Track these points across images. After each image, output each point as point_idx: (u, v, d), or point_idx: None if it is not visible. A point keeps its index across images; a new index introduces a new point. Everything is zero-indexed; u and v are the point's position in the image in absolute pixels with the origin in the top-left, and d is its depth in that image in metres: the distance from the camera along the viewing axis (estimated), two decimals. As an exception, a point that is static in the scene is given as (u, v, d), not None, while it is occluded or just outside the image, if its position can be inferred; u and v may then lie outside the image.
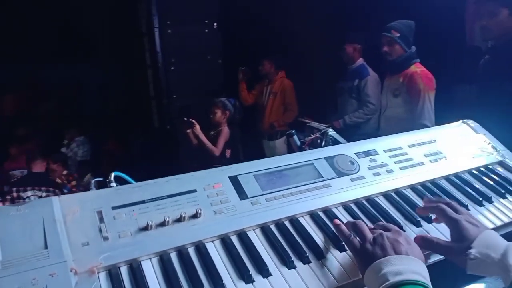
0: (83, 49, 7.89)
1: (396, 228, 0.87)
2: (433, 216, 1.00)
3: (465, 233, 0.84)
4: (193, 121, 3.60)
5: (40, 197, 3.73)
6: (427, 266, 0.79)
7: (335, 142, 1.64)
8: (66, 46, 7.53)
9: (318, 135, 1.87)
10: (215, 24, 5.38)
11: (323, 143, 1.76)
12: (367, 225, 0.89)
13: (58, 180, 4.42)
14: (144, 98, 6.06)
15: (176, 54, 5.21)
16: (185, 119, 3.69)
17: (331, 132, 1.80)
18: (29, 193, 3.96)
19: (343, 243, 0.90)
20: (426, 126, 2.95)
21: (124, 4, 6.08)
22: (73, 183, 4.52)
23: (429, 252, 0.91)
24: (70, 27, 7.66)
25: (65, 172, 4.54)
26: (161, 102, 5.52)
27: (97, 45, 8.00)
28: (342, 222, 0.93)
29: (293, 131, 2.25)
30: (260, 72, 4.71)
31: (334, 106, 4.40)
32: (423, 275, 0.74)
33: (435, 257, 0.92)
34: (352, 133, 3.59)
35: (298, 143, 2.19)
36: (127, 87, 7.15)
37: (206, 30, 5.35)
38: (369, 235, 0.84)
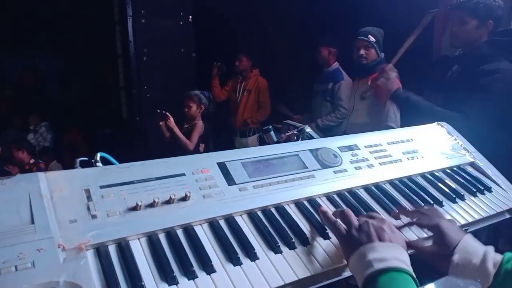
0: (49, 35, 7.64)
1: (381, 216, 0.90)
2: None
3: (447, 238, 0.86)
4: (168, 113, 3.55)
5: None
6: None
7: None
8: (31, 31, 7.27)
9: (295, 132, 1.90)
10: (190, 17, 5.34)
11: (300, 140, 1.79)
12: None
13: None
14: (113, 88, 5.92)
15: (149, 45, 5.12)
16: (159, 111, 3.63)
17: (308, 129, 1.84)
18: None
19: (328, 230, 0.93)
20: (391, 128, 3.07)
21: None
22: None
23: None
24: (37, 12, 7.40)
25: (32, 161, 4.36)
26: (131, 93, 5.41)
27: (65, 32, 7.75)
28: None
29: (270, 126, 2.27)
30: (237, 68, 4.69)
31: (305, 106, 4.47)
32: (406, 263, 0.77)
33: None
34: (323, 136, 3.65)
35: (275, 138, 2.21)
36: (95, 76, 6.96)
37: (181, 23, 5.30)
38: (355, 222, 0.87)
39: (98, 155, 1.01)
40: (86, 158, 1.00)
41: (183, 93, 4.02)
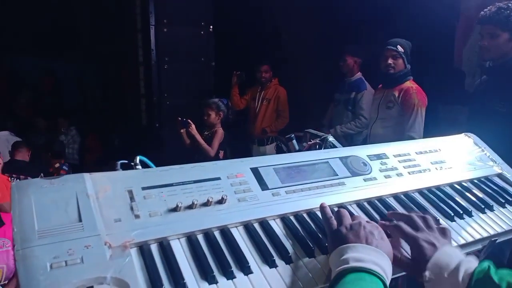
0: (71, 42, 7.83)
1: (375, 224, 0.89)
2: None
3: (421, 253, 0.85)
4: (189, 121, 3.61)
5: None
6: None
7: (334, 149, 1.69)
8: (53, 37, 7.47)
9: (317, 141, 1.92)
10: (211, 26, 5.43)
11: (322, 149, 1.81)
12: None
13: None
14: (133, 95, 6.03)
15: (170, 53, 5.23)
16: (180, 118, 3.69)
17: (330, 138, 1.86)
18: None
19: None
20: (413, 139, 3.09)
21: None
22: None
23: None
24: (59, 17, 7.60)
25: (57, 165, 4.47)
26: (151, 100, 5.50)
27: (87, 39, 7.94)
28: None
29: (293, 135, 2.29)
30: (261, 78, 4.74)
31: (319, 115, 4.51)
32: (384, 270, 0.77)
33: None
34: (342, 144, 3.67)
35: (297, 147, 2.23)
36: (116, 83, 7.10)
37: (202, 32, 5.39)
38: (347, 222, 0.88)
39: (138, 158, 1.05)
40: (126, 161, 1.04)
41: (202, 100, 4.09)
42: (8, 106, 6.71)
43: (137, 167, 1.06)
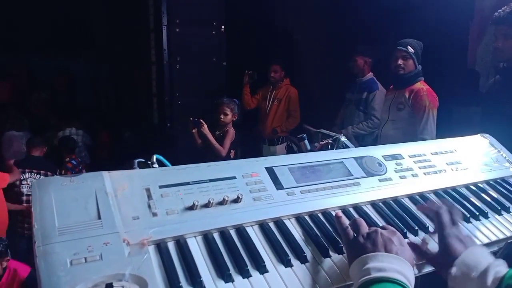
0: (85, 41, 7.93)
1: (392, 228, 0.88)
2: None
3: (450, 249, 0.84)
4: (202, 120, 3.62)
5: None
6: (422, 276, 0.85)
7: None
8: (68, 37, 7.57)
9: (330, 141, 1.91)
10: (222, 27, 5.45)
11: (334, 149, 1.80)
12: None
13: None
14: (145, 94, 6.08)
15: (182, 53, 5.25)
16: (191, 118, 3.70)
17: (343, 138, 1.85)
18: (26, 175, 4.04)
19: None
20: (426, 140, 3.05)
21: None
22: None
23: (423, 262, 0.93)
24: (73, 18, 7.71)
25: (67, 159, 4.56)
26: (163, 100, 5.54)
27: (100, 38, 8.03)
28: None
29: (304, 135, 2.28)
30: (273, 79, 4.74)
31: (330, 115, 4.48)
32: (407, 277, 0.75)
33: (429, 268, 0.94)
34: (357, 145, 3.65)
35: (309, 147, 2.22)
36: (128, 82, 7.16)
37: (214, 32, 5.41)
38: (365, 230, 0.86)
39: (154, 157, 1.07)
40: (143, 160, 1.05)
41: (214, 100, 4.09)
42: (24, 104, 6.83)
43: (154, 165, 1.07)
